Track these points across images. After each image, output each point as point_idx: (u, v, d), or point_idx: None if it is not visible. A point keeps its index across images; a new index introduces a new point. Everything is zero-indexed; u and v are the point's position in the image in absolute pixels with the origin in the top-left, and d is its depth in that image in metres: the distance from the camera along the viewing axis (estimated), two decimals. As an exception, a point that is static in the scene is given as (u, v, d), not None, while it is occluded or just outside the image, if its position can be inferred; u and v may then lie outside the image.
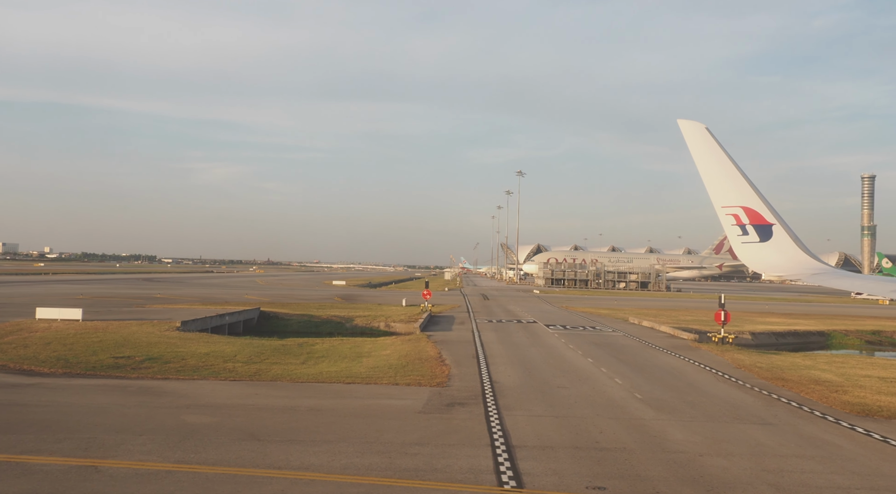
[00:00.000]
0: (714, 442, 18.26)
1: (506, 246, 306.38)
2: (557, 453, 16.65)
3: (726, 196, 17.69)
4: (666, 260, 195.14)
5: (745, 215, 17.48)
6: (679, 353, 37.77)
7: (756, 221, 17.40)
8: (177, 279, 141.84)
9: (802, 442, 18.59)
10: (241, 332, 53.67)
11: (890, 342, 63.56)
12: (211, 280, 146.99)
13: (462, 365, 30.98)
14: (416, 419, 19.93)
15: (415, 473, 14.50)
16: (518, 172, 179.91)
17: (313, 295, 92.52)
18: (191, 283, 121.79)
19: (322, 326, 58.33)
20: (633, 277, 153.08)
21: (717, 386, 27.78)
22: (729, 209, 17.63)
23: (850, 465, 16.45)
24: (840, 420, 21.65)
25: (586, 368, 31.41)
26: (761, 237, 17.43)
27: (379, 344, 39.72)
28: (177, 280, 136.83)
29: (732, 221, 17.66)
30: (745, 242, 17.73)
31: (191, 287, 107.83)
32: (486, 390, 25.04)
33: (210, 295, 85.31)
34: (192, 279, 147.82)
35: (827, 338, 63.65)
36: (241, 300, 78.12)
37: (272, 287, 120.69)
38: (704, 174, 17.94)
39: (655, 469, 15.59)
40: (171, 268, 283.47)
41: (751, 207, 17.48)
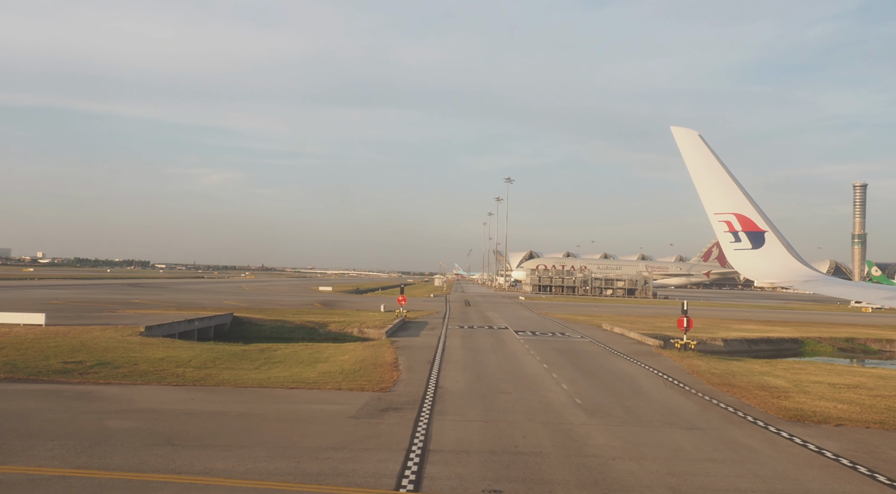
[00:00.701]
0: (633, 447, 18.38)
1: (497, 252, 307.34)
2: (470, 457, 16.75)
3: (719, 203, 17.77)
4: (654, 267, 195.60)
5: (738, 222, 17.59)
6: (637, 359, 37.91)
7: (749, 228, 17.52)
8: (162, 284, 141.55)
9: (721, 447, 18.73)
10: (211, 337, 53.66)
11: (862, 349, 63.83)
12: (197, 285, 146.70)
13: (414, 371, 31.06)
14: (343, 424, 20.00)
15: (315, 477, 14.58)
16: (507, 179, 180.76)
17: (294, 301, 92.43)
18: (175, 289, 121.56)
19: (295, 332, 58.23)
20: (620, 284, 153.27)
21: (662, 391, 27.92)
22: (722, 216, 17.73)
23: (758, 469, 16.59)
24: (769, 424, 21.79)
25: (538, 374, 31.52)
26: (754, 244, 17.53)
27: (340, 349, 39.76)
28: (162, 285, 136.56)
29: (725, 228, 17.79)
30: (737, 249, 17.85)
31: (174, 292, 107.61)
32: (427, 395, 25.13)
33: (190, 300, 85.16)
34: (178, 284, 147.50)
35: (800, 345, 63.88)
36: (220, 305, 78.00)
37: (257, 292, 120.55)
38: (697, 181, 18.04)
39: (561, 473, 15.70)
40: (162, 274, 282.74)
41: (743, 214, 17.57)
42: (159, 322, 47.87)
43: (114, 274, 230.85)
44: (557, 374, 31.37)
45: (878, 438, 20.42)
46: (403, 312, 64.69)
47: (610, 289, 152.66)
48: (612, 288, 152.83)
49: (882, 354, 63.02)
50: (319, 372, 30.58)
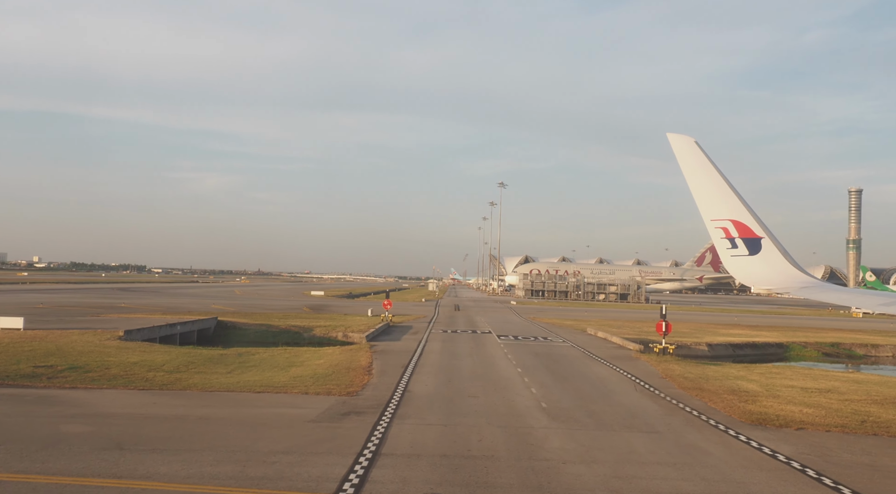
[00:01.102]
0: (587, 450, 18.39)
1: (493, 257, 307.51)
2: (420, 461, 16.73)
3: (716, 209, 17.77)
4: (648, 272, 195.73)
5: (735, 228, 17.60)
6: (613, 363, 37.93)
7: (745, 235, 17.51)
8: (154, 289, 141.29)
9: (675, 450, 18.74)
10: (194, 342, 53.52)
11: (847, 354, 63.93)
12: (190, 290, 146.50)
13: (386, 375, 31.05)
14: (301, 427, 19.98)
15: (257, 481, 14.56)
16: (500, 184, 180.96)
17: (283, 306, 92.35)
18: (166, 293, 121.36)
19: (279, 336, 58.14)
20: (612, 289, 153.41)
21: (630, 395, 27.92)
22: (718, 222, 17.72)
23: (706, 472, 16.61)
24: (730, 428, 21.81)
25: (510, 378, 31.52)
26: (750, 250, 17.55)
27: (318, 353, 39.74)
28: (154, 290, 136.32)
29: (722, 234, 17.77)
30: (734, 255, 17.86)
31: (164, 296, 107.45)
32: (393, 399, 25.11)
33: (178, 304, 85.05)
34: (170, 289, 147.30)
35: (785, 350, 63.98)
36: (207, 310, 77.95)
37: (248, 297, 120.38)
38: (694, 187, 18.04)
39: (507, 476, 15.70)
40: (156, 278, 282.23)
41: (740, 221, 17.58)
42: (140, 326, 47.78)
43: (108, 279, 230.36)
44: (529, 378, 31.38)
45: (835, 441, 20.45)
46: (389, 317, 64.64)
47: (602, 294, 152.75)
48: (605, 293, 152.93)
49: (867, 359, 63.10)
50: (291, 376, 30.55)
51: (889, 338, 69.86)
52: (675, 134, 18.43)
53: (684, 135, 18.44)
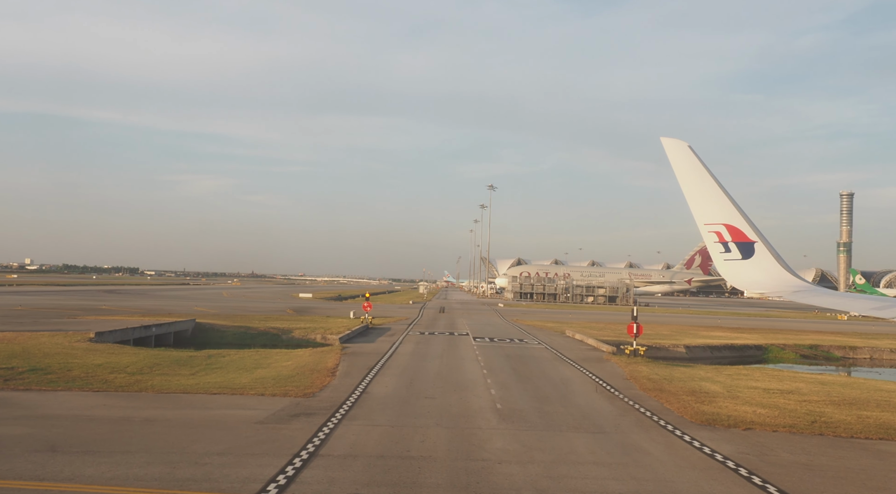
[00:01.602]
0: (527, 451, 18.42)
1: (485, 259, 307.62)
2: (355, 462, 16.73)
3: (709, 213, 17.88)
4: (638, 274, 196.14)
5: (728, 232, 17.67)
6: (582, 365, 38.00)
7: (738, 239, 17.60)
8: (141, 291, 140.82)
9: (615, 450, 18.80)
10: (170, 344, 53.41)
11: (824, 356, 64.22)
12: (177, 292, 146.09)
13: (349, 376, 31.02)
14: (245, 429, 19.95)
15: (180, 483, 14.52)
16: (489, 186, 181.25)
17: (267, 308, 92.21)
18: (153, 295, 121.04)
19: (257, 338, 58.11)
20: (601, 292, 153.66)
21: (589, 396, 27.98)
22: (711, 226, 17.81)
23: (639, 471, 16.67)
24: (679, 428, 21.89)
25: (474, 379, 31.53)
26: (743, 254, 17.62)
27: (288, 355, 39.72)
28: (141, 292, 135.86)
29: (715, 238, 17.84)
30: (727, 259, 17.95)
31: (149, 298, 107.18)
32: (349, 400, 25.09)
33: (160, 306, 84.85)
34: (158, 291, 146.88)
35: (764, 352, 64.19)
36: (190, 311, 77.82)
37: (234, 299, 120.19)
38: (687, 191, 18.10)
39: (438, 476, 15.71)
40: (147, 281, 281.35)
41: (733, 225, 17.66)
42: (113, 328, 47.64)
43: (98, 281, 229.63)
44: (493, 379, 31.41)
45: (779, 441, 20.54)
46: (369, 319, 64.64)
47: (591, 297, 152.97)
48: (594, 296, 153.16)
49: (845, 361, 63.44)
50: (254, 377, 30.53)
51: (868, 340, 70.20)
52: (668, 138, 18.57)
53: (678, 139, 18.60)
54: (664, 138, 18.56)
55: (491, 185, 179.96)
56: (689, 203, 18.17)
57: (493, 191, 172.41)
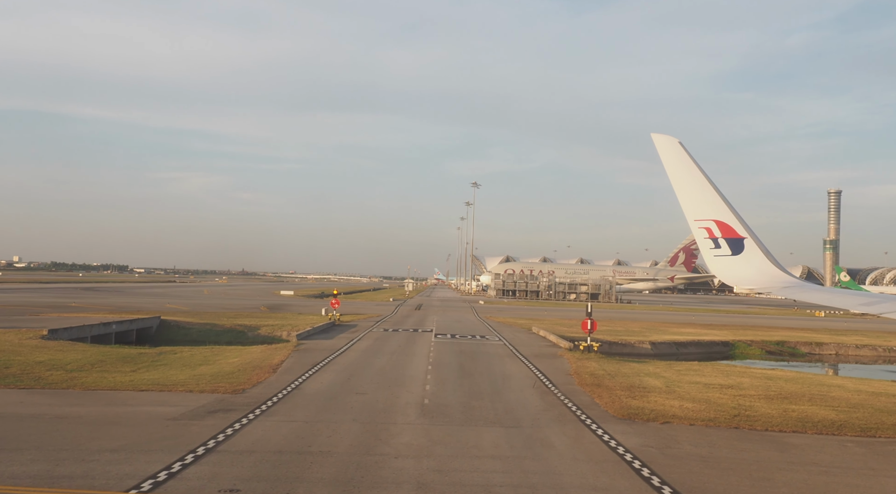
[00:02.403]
0: (431, 445, 18.40)
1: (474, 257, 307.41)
2: (249, 457, 16.66)
3: (699, 209, 17.84)
4: (622, 272, 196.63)
5: (718, 229, 17.66)
6: (531, 361, 38.06)
7: (728, 235, 17.58)
8: (121, 289, 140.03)
9: (520, 444, 18.80)
10: (132, 341, 53.15)
11: (790, 352, 64.62)
12: (159, 289, 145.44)
13: (290, 372, 30.92)
14: (154, 425, 19.84)
15: (56, 480, 14.34)
16: (473, 184, 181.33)
17: (242, 305, 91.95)
18: (131, 293, 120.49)
19: (223, 335, 57.82)
20: (583, 289, 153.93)
21: (523, 392, 28.01)
22: (702, 222, 17.78)
23: (533, 464, 16.69)
24: (597, 422, 21.94)
25: (415, 375, 31.50)
26: (733, 250, 17.61)
27: (240, 351, 39.55)
28: (120, 289, 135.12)
29: (705, 234, 17.83)
30: (717, 255, 17.98)
31: (125, 296, 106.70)
32: (277, 396, 25.01)
33: (133, 303, 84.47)
34: (139, 289, 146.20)
35: (731, 348, 64.58)
36: (163, 309, 77.66)
37: (214, 296, 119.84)
38: (678, 187, 18.03)
39: (326, 471, 15.67)
40: (134, 278, 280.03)
41: (723, 221, 17.65)
42: (70, 325, 47.38)
43: (83, 279, 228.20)
44: (434, 376, 31.39)
45: (690, 434, 20.64)
46: (337, 316, 64.57)
47: (573, 294, 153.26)
48: (576, 293, 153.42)
49: (810, 357, 63.88)
50: (193, 374, 30.41)
51: (836, 336, 70.64)
52: (659, 134, 18.52)
53: (669, 136, 18.56)
54: (655, 134, 18.49)
55: (475, 183, 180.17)
56: (680, 199, 18.19)
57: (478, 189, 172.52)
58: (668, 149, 18.23)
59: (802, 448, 19.52)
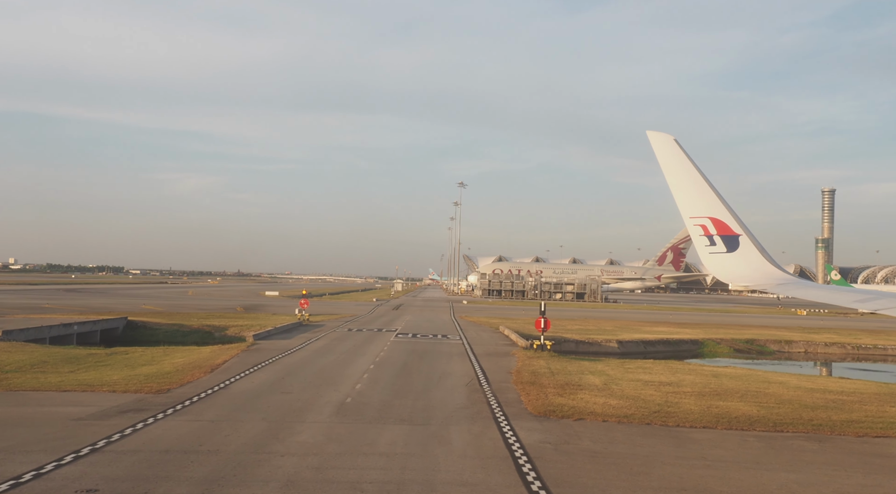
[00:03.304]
0: (325, 443, 18.27)
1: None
2: (131, 457, 16.51)
3: (694, 207, 17.83)
4: (610, 271, 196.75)
5: (713, 226, 17.62)
6: (480, 359, 38.00)
7: (723, 232, 17.54)
8: (105, 290, 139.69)
9: (417, 442, 18.67)
10: (97, 342, 53.15)
11: (758, 349, 64.66)
12: (144, 290, 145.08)
13: (226, 372, 30.78)
14: (53, 426, 19.64)
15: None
16: (460, 184, 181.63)
17: (219, 306, 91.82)
18: (114, 294, 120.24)
19: (189, 336, 57.77)
20: (569, 288, 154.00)
21: (454, 390, 27.89)
22: (697, 220, 17.74)
23: (416, 462, 16.57)
24: (511, 419, 21.90)
25: (352, 374, 31.38)
26: (728, 247, 17.57)
27: (189, 352, 39.42)
28: (104, 291, 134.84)
29: (700, 232, 17.78)
30: (712, 253, 17.87)
31: (106, 297, 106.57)
32: (200, 396, 24.85)
33: (109, 304, 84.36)
34: (125, 290, 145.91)
35: (699, 346, 64.59)
36: (137, 309, 77.72)
37: (199, 297, 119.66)
38: (673, 185, 18.02)
39: (202, 470, 15.52)
40: (128, 280, 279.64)
41: (718, 218, 17.61)
42: (28, 326, 47.25)
43: (74, 280, 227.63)
44: (372, 375, 31.29)
45: (597, 431, 20.61)
46: (306, 316, 64.51)
47: (559, 293, 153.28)
48: (562, 293, 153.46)
49: (779, 354, 63.93)
50: (131, 374, 30.29)
51: (807, 335, 70.72)
52: (654, 132, 18.49)
53: (664, 133, 18.50)
54: (650, 132, 18.45)
55: (461, 183, 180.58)
56: (675, 196, 18.07)
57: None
58: (664, 147, 18.26)
59: (702, 442, 19.47)
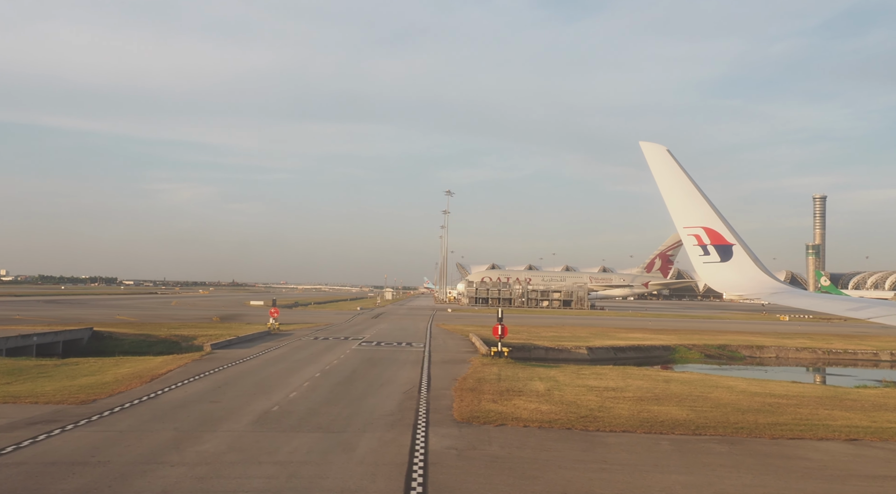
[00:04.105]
0: (228, 452, 17.85)
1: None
2: (16, 469, 16.03)
3: (688, 217, 17.85)
4: (599, 279, 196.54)
5: (707, 235, 17.61)
6: (433, 367, 37.67)
7: (717, 241, 17.52)
8: (86, 301, 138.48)
9: (319, 449, 18.30)
10: (58, 353, 52.64)
11: (729, 355, 64.42)
12: (127, 301, 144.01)
13: (164, 382, 30.29)
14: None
15: None
16: (447, 192, 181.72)
17: (197, 316, 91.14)
18: (94, 305, 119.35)
19: (155, 346, 57.23)
20: (556, 296, 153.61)
21: (390, 397, 27.47)
22: (690, 229, 17.75)
23: (306, 469, 16.24)
24: (433, 426, 21.70)
25: (295, 382, 30.87)
26: (722, 257, 17.54)
27: (137, 362, 38.96)
28: (84, 302, 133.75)
29: (694, 241, 17.75)
30: (706, 262, 17.74)
31: (84, 308, 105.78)
32: (122, 406, 24.37)
33: (84, 315, 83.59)
34: (108, 300, 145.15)
35: (671, 352, 64.32)
36: (111, 320, 77.23)
37: (181, 307, 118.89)
38: (666, 195, 18.05)
39: (77, 482, 15.04)
40: (113, 290, 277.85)
41: (712, 228, 17.61)
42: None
43: (64, 291, 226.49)
44: (313, 383, 30.83)
45: (511, 436, 20.38)
46: (276, 325, 64.07)
47: (546, 301, 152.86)
48: (549, 300, 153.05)
49: (750, 360, 63.74)
50: (65, 385, 29.68)
51: (779, 340, 70.58)
52: (647, 142, 18.54)
53: (657, 143, 18.55)
54: (643, 142, 18.46)
55: (448, 191, 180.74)
56: (668, 206, 18.08)
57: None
58: (657, 158, 18.29)
59: (612, 446, 19.22)
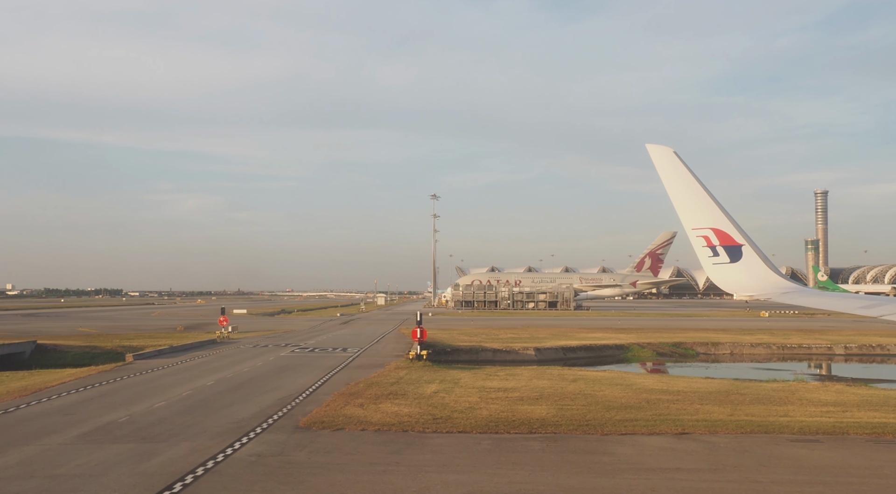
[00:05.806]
0: (17, 466, 17.27)
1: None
2: None
3: (696, 218, 17.83)
4: (588, 279, 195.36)
5: (716, 236, 17.60)
6: (343, 371, 37.16)
7: (726, 242, 17.50)
8: (66, 314, 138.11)
9: (110, 462, 17.55)
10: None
11: (682, 352, 63.71)
12: (109, 313, 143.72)
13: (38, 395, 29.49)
14: None
15: None
16: (433, 196, 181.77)
17: (163, 325, 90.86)
18: (71, 317, 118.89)
19: (98, 357, 56.33)
20: (541, 298, 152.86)
21: (257, 405, 26.55)
22: (699, 231, 17.72)
23: (77, 483, 15.69)
24: (268, 431, 21.21)
25: (173, 393, 29.68)
26: (731, 258, 17.52)
27: (47, 374, 38.56)
28: (64, 314, 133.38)
29: (703, 243, 17.73)
30: (716, 263, 17.61)
31: (57, 320, 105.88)
32: None
33: (46, 328, 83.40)
34: (93, 312, 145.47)
35: (624, 351, 63.61)
36: (72, 332, 77.24)
37: (162, 317, 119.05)
38: (674, 197, 18.04)
39: None
40: (114, 302, 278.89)
41: (720, 229, 17.59)
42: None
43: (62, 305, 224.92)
44: (198, 391, 30.16)
45: (335, 441, 19.91)
46: (225, 333, 63.72)
47: (532, 303, 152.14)
48: (535, 302, 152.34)
49: (704, 357, 62.99)
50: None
51: (736, 336, 69.98)
52: (653, 144, 18.41)
53: (663, 145, 18.42)
54: (649, 145, 18.36)
55: (434, 195, 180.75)
56: (677, 208, 17.96)
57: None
58: (663, 160, 18.14)
59: (427, 447, 19.15)
